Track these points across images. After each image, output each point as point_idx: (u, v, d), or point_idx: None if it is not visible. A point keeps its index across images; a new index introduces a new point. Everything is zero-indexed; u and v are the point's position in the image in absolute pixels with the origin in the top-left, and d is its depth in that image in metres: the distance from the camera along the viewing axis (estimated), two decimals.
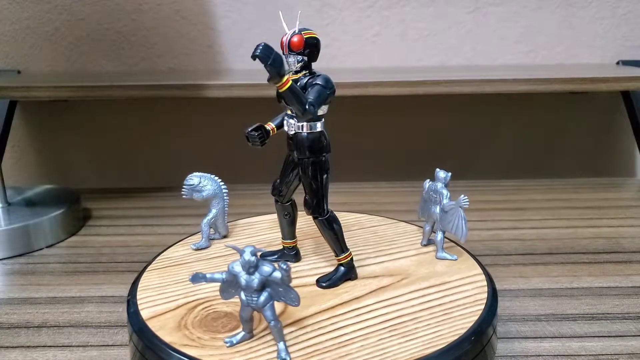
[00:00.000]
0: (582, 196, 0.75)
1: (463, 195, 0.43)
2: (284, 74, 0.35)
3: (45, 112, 0.91)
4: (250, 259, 0.31)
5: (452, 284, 0.40)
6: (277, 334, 0.32)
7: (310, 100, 0.36)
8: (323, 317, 0.36)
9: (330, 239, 0.41)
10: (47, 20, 0.87)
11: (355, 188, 0.80)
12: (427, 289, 0.40)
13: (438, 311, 0.37)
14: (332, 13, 0.88)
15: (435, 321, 0.36)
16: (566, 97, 0.91)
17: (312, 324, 0.36)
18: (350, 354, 0.32)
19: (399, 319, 0.36)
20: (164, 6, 0.87)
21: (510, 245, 0.59)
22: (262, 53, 0.34)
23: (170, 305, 0.38)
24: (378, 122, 0.93)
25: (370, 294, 0.39)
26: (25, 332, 0.44)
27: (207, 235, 0.48)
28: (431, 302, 0.38)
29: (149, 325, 0.36)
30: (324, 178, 0.39)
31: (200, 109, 0.90)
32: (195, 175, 0.48)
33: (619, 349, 0.41)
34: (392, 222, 0.53)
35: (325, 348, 0.33)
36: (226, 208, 0.49)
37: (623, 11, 0.89)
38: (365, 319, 0.36)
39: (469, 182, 0.81)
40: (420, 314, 0.36)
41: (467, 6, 0.88)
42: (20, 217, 0.61)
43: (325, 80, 0.37)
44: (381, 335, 0.34)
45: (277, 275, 0.31)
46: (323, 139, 0.39)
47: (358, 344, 0.33)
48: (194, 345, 0.34)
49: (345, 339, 0.34)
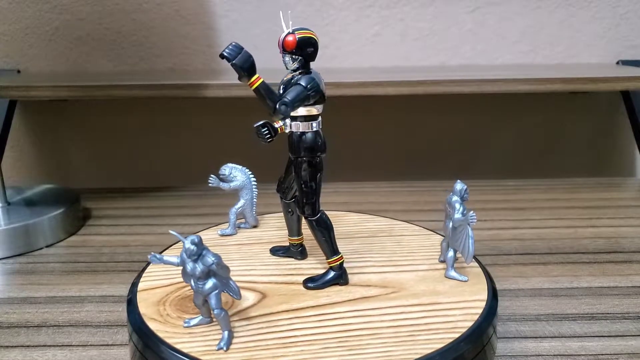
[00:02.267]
0: (582, 196, 0.75)
1: (472, 211, 0.40)
2: (251, 73, 0.35)
3: (45, 112, 0.91)
4: (190, 247, 0.32)
5: (441, 306, 0.38)
6: (222, 322, 0.33)
7: (286, 99, 0.35)
8: (286, 316, 0.37)
9: (320, 240, 0.40)
10: (47, 20, 0.87)
11: (356, 188, 0.79)
12: (410, 306, 0.38)
13: (404, 332, 0.35)
14: (332, 13, 0.88)
15: (394, 341, 0.34)
16: (566, 97, 0.91)
17: (270, 321, 0.36)
18: (286, 355, 0.32)
19: (358, 331, 0.35)
20: (164, 6, 0.87)
21: (510, 245, 0.59)
22: (228, 52, 0.35)
23: (165, 282, 0.41)
24: (378, 122, 0.93)
25: (348, 302, 0.38)
26: (25, 332, 0.44)
27: (233, 223, 0.50)
28: (404, 321, 0.36)
29: (139, 297, 0.38)
30: (316, 178, 0.39)
31: (200, 108, 0.90)
32: (228, 165, 0.50)
33: (618, 349, 0.41)
34: (425, 233, 0.50)
35: (267, 345, 0.33)
36: (254, 200, 0.50)
37: (623, 11, 0.89)
38: (325, 326, 0.35)
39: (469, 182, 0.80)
40: (383, 331, 0.35)
41: (467, 6, 0.88)
42: (20, 216, 0.61)
43: (309, 80, 0.36)
44: (328, 344, 0.33)
45: (215, 267, 0.32)
46: (318, 139, 0.38)
47: (299, 348, 0.33)
48: (159, 320, 0.36)
49: (291, 340, 0.34)
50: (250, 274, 0.43)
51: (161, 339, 0.34)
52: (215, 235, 0.50)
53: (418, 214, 0.67)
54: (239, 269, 0.44)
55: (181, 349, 0.33)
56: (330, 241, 0.40)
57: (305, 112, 0.38)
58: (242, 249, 0.47)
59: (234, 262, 0.45)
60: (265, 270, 0.43)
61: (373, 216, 0.54)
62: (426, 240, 0.48)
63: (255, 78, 0.36)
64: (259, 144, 0.37)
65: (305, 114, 0.38)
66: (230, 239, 0.50)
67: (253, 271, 0.43)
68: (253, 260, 0.45)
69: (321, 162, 0.39)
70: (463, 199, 0.41)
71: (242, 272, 0.43)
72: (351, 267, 0.42)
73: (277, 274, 0.43)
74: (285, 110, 0.35)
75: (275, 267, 0.44)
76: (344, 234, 0.49)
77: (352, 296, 0.39)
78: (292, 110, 0.36)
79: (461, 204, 0.41)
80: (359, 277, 0.42)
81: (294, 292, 0.40)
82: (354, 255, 0.45)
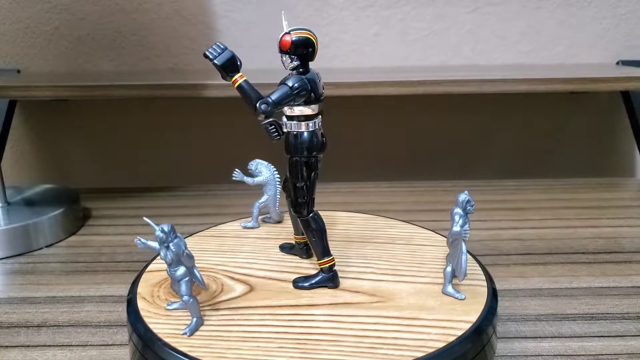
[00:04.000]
0: (582, 196, 0.75)
1: (467, 225, 0.38)
2: (233, 72, 0.36)
3: (44, 112, 0.91)
4: (159, 235, 0.34)
5: (420, 323, 0.35)
6: (191, 309, 0.35)
7: (271, 99, 0.36)
8: (262, 311, 0.37)
9: (310, 240, 0.40)
10: (47, 19, 0.87)
11: (356, 188, 0.79)
12: (388, 318, 0.36)
13: (366, 343, 0.33)
14: (332, 12, 0.88)
15: (352, 351, 0.33)
16: (566, 97, 0.91)
17: (244, 314, 0.37)
18: (240, 349, 0.33)
19: (321, 336, 0.34)
20: (164, 6, 0.87)
21: (510, 245, 0.59)
22: (210, 52, 0.36)
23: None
24: (378, 122, 0.93)
25: (328, 306, 0.38)
26: (24, 332, 0.44)
27: (256, 216, 0.52)
28: (372, 332, 0.34)
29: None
30: (310, 178, 0.39)
31: (200, 108, 0.90)
32: (255, 161, 0.51)
33: (618, 349, 0.41)
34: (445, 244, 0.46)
35: (228, 337, 0.34)
36: (278, 196, 0.51)
37: (623, 11, 0.89)
38: (291, 326, 0.35)
39: (469, 182, 0.81)
40: (345, 339, 0.34)
41: (467, 6, 0.88)
42: (19, 216, 0.61)
43: (295, 81, 0.36)
44: (285, 344, 0.33)
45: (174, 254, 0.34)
46: (314, 139, 0.38)
47: (256, 344, 0.33)
48: (146, 300, 0.38)
49: (252, 335, 0.34)
50: (250, 267, 0.44)
51: (161, 339, 0.34)
52: (239, 227, 0.52)
53: (418, 214, 0.67)
54: (241, 261, 0.44)
55: (152, 328, 0.35)
56: (321, 242, 0.40)
57: (299, 112, 0.38)
58: (256, 242, 0.48)
59: (241, 254, 0.46)
60: (266, 265, 0.44)
61: (398, 222, 0.52)
62: (444, 253, 0.43)
63: (238, 76, 0.36)
64: (269, 141, 0.38)
65: (298, 114, 0.38)
66: (251, 232, 0.51)
67: (254, 264, 0.44)
68: (260, 254, 0.46)
69: (316, 162, 0.39)
70: (466, 211, 0.38)
71: (242, 264, 0.44)
72: (350, 272, 0.42)
73: (276, 269, 0.43)
74: (266, 109, 0.36)
75: (278, 263, 0.44)
76: (362, 237, 0.48)
77: (335, 300, 0.38)
78: (275, 109, 0.36)
79: (462, 216, 0.38)
80: (352, 282, 0.41)
81: (282, 289, 0.40)
82: (359, 260, 0.44)
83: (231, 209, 0.70)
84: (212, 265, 0.44)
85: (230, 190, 0.79)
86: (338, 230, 0.50)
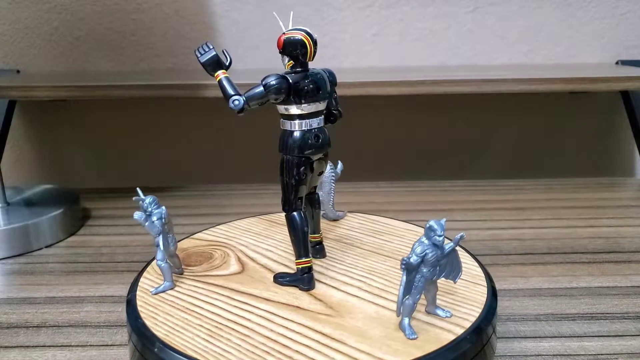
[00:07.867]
0: (581, 196, 0.75)
1: None
2: (215, 69, 0.39)
3: (44, 112, 0.91)
4: (143, 205, 0.39)
5: (337, 347, 0.32)
6: (164, 273, 0.39)
7: (245, 95, 0.37)
8: (226, 292, 0.39)
9: (290, 238, 0.40)
10: (47, 20, 0.87)
11: (355, 188, 0.79)
12: (314, 332, 0.34)
13: (266, 347, 0.32)
14: (332, 13, 0.88)
15: (245, 349, 0.32)
16: (566, 97, 0.91)
17: (212, 291, 0.39)
18: (174, 317, 0.36)
19: (237, 326, 0.35)
20: (164, 6, 0.87)
21: (509, 245, 0.59)
22: (198, 51, 0.39)
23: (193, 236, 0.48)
24: (378, 122, 0.93)
25: (276, 304, 0.37)
26: (24, 332, 0.44)
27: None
28: (285, 340, 0.33)
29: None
30: (295, 176, 0.38)
31: (200, 109, 0.90)
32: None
33: (618, 349, 0.41)
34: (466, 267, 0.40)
35: (178, 305, 0.38)
36: (332, 194, 0.52)
37: (623, 11, 0.89)
38: (230, 312, 0.37)
39: (469, 182, 0.81)
40: (255, 338, 0.33)
41: (467, 6, 0.88)
42: (19, 217, 0.61)
43: (271, 80, 0.37)
44: (203, 324, 0.35)
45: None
46: (306, 138, 0.38)
47: (198, 321, 0.36)
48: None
49: (196, 310, 0.37)
50: (262, 253, 0.46)
51: (161, 339, 0.34)
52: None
53: (419, 214, 0.67)
54: (264, 246, 0.47)
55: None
56: (298, 242, 0.39)
57: (284, 111, 0.38)
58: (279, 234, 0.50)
59: (270, 240, 0.48)
60: (275, 255, 0.45)
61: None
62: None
63: (221, 72, 0.38)
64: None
65: (291, 113, 0.38)
66: None
67: (268, 252, 0.46)
68: (282, 244, 0.47)
69: (308, 162, 0.39)
70: (432, 241, 0.32)
71: (261, 250, 0.46)
72: (331, 278, 0.41)
73: (278, 261, 0.44)
74: (237, 106, 0.37)
75: (286, 256, 0.45)
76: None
77: (291, 302, 0.38)
78: (247, 106, 0.37)
79: (421, 244, 0.32)
80: (325, 289, 0.39)
81: (263, 279, 0.41)
82: (357, 270, 0.42)
83: (231, 209, 0.70)
84: (238, 244, 0.47)
85: (230, 190, 0.79)
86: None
